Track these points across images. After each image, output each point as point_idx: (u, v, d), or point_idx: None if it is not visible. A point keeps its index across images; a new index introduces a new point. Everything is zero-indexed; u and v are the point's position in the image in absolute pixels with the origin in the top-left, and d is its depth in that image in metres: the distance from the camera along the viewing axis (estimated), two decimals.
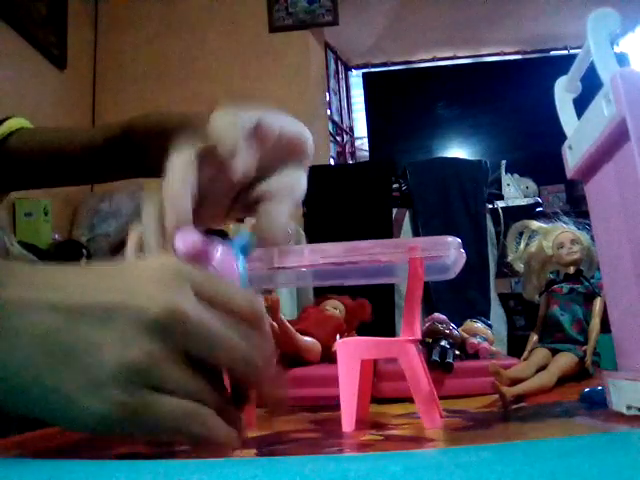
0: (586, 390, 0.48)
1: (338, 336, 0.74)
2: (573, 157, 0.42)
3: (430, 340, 0.66)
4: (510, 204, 2.34)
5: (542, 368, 0.61)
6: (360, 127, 3.36)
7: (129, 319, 0.26)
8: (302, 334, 0.69)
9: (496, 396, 0.52)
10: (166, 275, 0.27)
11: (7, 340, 0.25)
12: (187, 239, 0.31)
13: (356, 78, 3.41)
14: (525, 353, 0.67)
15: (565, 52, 3.19)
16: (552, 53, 3.28)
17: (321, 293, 0.85)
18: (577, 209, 2.18)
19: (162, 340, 0.26)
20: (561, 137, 0.43)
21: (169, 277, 0.27)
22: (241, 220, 0.77)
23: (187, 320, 0.26)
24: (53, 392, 0.25)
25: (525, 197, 2.43)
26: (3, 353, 0.24)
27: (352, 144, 3.31)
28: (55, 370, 0.25)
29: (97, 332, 0.25)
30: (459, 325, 0.73)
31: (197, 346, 0.27)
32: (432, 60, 3.34)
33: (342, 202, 2.12)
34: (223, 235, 0.34)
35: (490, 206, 2.25)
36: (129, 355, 0.25)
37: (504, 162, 2.47)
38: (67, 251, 1.89)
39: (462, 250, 0.46)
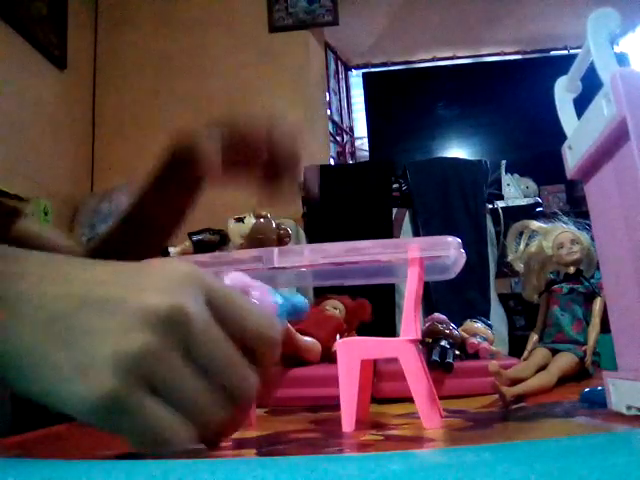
0: (586, 390, 0.47)
1: (338, 336, 0.74)
2: (573, 157, 0.42)
3: (430, 340, 0.65)
4: (510, 204, 2.34)
5: (542, 368, 0.61)
6: (360, 127, 3.36)
7: (132, 310, 0.26)
8: (302, 334, 0.69)
9: (496, 396, 0.52)
10: (178, 276, 0.28)
11: (12, 321, 0.25)
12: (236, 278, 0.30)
13: (356, 78, 3.41)
14: (525, 353, 0.67)
15: (565, 52, 3.19)
16: (552, 53, 3.28)
17: (321, 293, 0.85)
18: (577, 209, 2.18)
19: (162, 335, 0.26)
20: (561, 137, 0.43)
21: (180, 278, 0.28)
22: (241, 219, 0.77)
23: (191, 321, 0.26)
24: (50, 369, 0.25)
25: (525, 197, 2.43)
26: (9, 330, 0.25)
27: (352, 144, 3.31)
28: (55, 348, 0.25)
29: (99, 320, 0.26)
30: (459, 325, 0.72)
31: (198, 351, 0.27)
32: (432, 60, 3.34)
33: (342, 202, 2.11)
34: (222, 236, 0.34)
35: (490, 206, 2.25)
36: (126, 343, 0.25)
37: (504, 162, 2.47)
38: None
39: (462, 250, 0.46)
